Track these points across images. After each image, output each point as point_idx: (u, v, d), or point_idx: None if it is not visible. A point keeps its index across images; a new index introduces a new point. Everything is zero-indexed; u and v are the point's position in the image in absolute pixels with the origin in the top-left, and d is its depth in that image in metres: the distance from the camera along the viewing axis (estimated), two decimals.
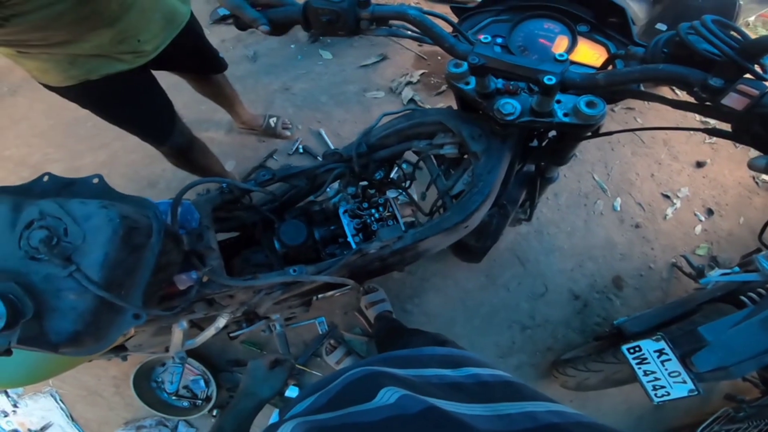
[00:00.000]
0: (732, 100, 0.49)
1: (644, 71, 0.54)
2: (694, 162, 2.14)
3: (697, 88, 0.51)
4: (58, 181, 0.67)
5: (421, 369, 0.58)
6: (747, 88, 0.48)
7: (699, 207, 2.04)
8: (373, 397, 0.45)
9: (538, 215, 1.91)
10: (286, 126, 2.01)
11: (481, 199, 0.79)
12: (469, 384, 0.54)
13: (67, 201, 0.59)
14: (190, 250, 0.81)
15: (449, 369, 0.59)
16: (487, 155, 0.80)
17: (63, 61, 0.98)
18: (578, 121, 0.68)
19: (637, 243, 1.92)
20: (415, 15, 0.67)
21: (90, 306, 0.56)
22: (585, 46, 0.77)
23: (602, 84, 0.56)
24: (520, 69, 0.59)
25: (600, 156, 2.08)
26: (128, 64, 1.08)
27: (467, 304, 1.78)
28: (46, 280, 0.55)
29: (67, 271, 0.55)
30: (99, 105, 1.17)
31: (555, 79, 0.56)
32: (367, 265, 0.90)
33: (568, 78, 0.56)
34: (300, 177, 0.93)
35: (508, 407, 0.45)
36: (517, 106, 0.71)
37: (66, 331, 0.56)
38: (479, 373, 0.57)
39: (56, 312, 0.55)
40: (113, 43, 1.01)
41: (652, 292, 1.85)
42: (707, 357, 1.03)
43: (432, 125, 0.88)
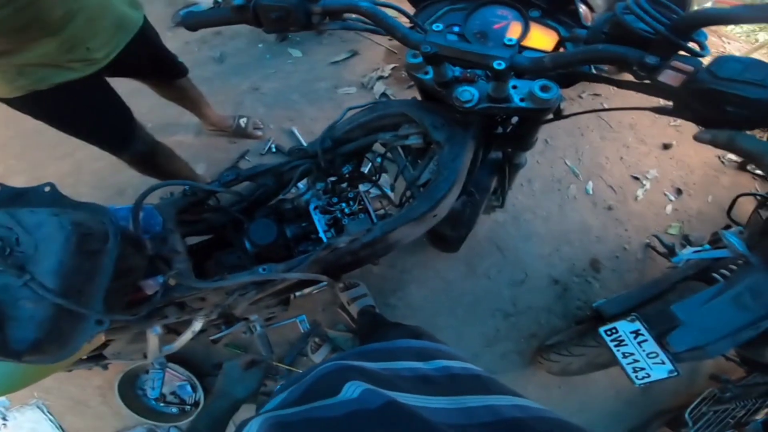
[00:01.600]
0: (668, 76, 0.50)
1: (585, 52, 0.55)
2: (660, 144, 2.20)
3: (635, 67, 0.52)
4: (9, 191, 0.65)
5: (393, 362, 0.58)
6: (681, 64, 0.50)
7: (668, 187, 2.09)
8: (338, 391, 0.46)
9: (514, 202, 1.94)
10: (257, 126, 1.99)
11: (447, 186, 0.79)
12: (438, 377, 0.55)
13: (17, 210, 0.58)
14: (154, 254, 0.80)
15: (421, 362, 0.59)
16: (450, 143, 0.80)
17: (9, 71, 0.95)
18: (534, 105, 0.69)
19: (610, 225, 1.97)
20: (366, 7, 0.67)
21: (48, 314, 0.56)
22: (537, 31, 0.78)
23: (549, 66, 0.57)
24: (471, 55, 0.59)
25: (571, 142, 2.12)
26: (79, 73, 1.05)
27: (450, 295, 1.79)
28: (2, 290, 0.54)
29: (22, 281, 0.54)
30: (51, 115, 1.13)
31: (504, 63, 0.56)
32: (338, 260, 0.89)
33: (516, 62, 0.57)
34: (266, 175, 0.92)
35: (472, 400, 0.46)
36: (475, 93, 0.71)
37: (27, 339, 0.55)
38: (450, 366, 0.58)
39: (15, 321, 0.55)
40: (61, 51, 0.98)
41: (628, 273, 1.89)
42: (682, 336, 1.02)
43: (396, 116, 0.88)
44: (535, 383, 1.70)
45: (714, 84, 0.47)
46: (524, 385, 1.70)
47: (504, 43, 0.59)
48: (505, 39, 0.59)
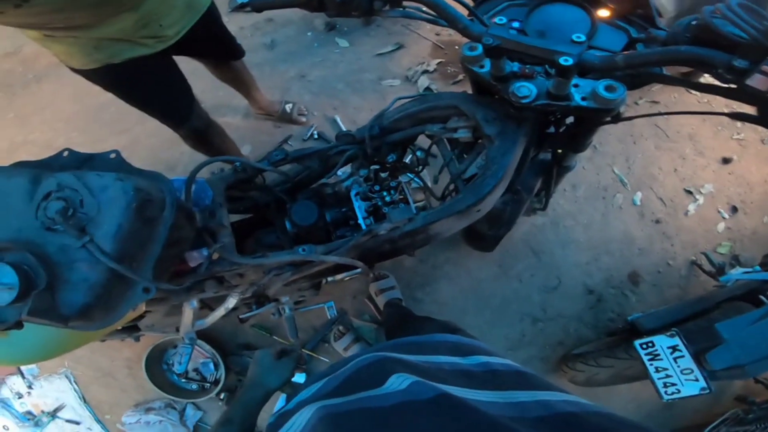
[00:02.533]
0: (757, 80, 0.48)
1: (665, 52, 0.52)
2: (720, 158, 2.06)
3: (721, 70, 0.50)
4: (77, 156, 0.69)
5: (431, 356, 0.57)
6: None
7: (723, 204, 1.96)
8: (383, 382, 0.45)
9: (555, 207, 1.88)
10: (302, 112, 2.03)
11: (494, 182, 0.78)
12: (479, 372, 0.53)
13: (84, 174, 0.60)
14: (202, 226, 0.83)
15: (459, 357, 0.58)
16: (501, 138, 0.78)
17: (87, 45, 1.01)
18: (596, 105, 0.66)
19: (656, 239, 1.87)
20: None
21: (101, 278, 0.57)
22: (605, 31, 0.75)
23: (621, 65, 0.54)
24: (536, 50, 0.57)
25: (621, 149, 2.02)
26: (150, 49, 1.11)
27: (479, 295, 1.77)
28: (60, 251, 0.56)
29: (81, 242, 0.55)
30: (121, 88, 1.20)
31: (572, 60, 0.54)
32: (377, 247, 0.90)
33: (585, 59, 0.55)
34: (313, 158, 0.94)
35: (521, 395, 0.44)
36: (533, 89, 0.69)
37: (77, 303, 0.56)
38: (490, 362, 0.56)
39: (68, 284, 0.56)
40: (136, 27, 1.04)
41: (669, 290, 1.80)
42: (722, 354, 1.00)
43: (446, 109, 0.87)
44: None
45: None
46: None
47: (572, 39, 0.56)
48: (574, 36, 0.57)
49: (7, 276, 0.51)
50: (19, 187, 0.58)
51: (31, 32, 0.98)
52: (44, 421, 1.65)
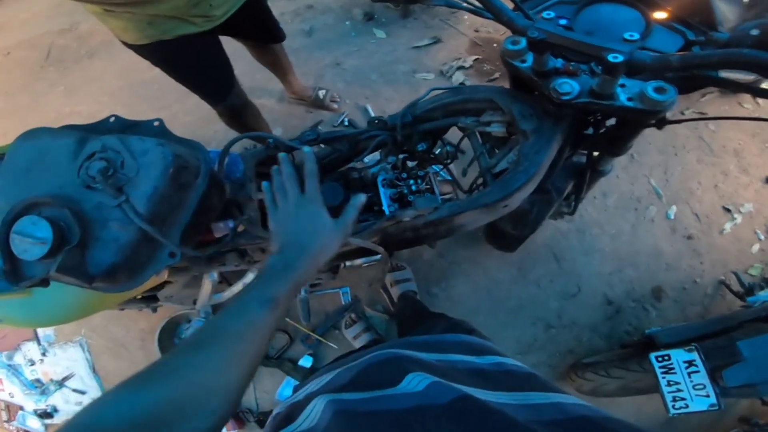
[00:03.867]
0: None
1: (725, 55, 0.49)
2: (764, 177, 1.96)
3: None
4: (123, 122, 0.72)
5: (445, 354, 0.57)
6: None
7: (761, 225, 1.87)
8: (399, 381, 0.45)
9: (583, 214, 1.83)
10: (335, 99, 2.05)
11: (526, 178, 0.77)
12: (494, 371, 0.53)
13: (127, 137, 0.63)
14: (231, 198, 0.85)
15: (474, 356, 0.57)
16: (537, 135, 0.77)
17: (142, 21, 1.06)
18: (643, 106, 0.63)
19: (686, 255, 1.80)
20: None
21: (131, 238, 0.60)
22: (660, 32, 0.71)
23: (676, 66, 0.52)
24: (584, 46, 0.55)
25: (661, 160, 1.95)
26: (199, 27, 1.15)
27: (494, 295, 1.75)
28: (96, 208, 0.59)
29: (118, 201, 0.58)
30: (169, 63, 1.26)
31: (622, 57, 0.52)
32: (399, 233, 0.90)
33: (636, 58, 0.53)
34: (343, 141, 0.94)
35: (535, 397, 0.44)
36: (576, 86, 0.67)
37: (105, 262, 0.59)
38: (504, 362, 0.55)
39: (99, 242, 0.59)
40: (188, 6, 1.08)
41: (691, 307, 1.73)
42: (739, 372, 1.00)
43: (481, 102, 0.86)
44: None
45: None
46: None
47: (624, 38, 0.54)
48: (626, 34, 0.55)
49: (43, 230, 0.54)
50: (65, 146, 0.61)
51: (92, 7, 1.04)
52: (51, 390, 1.68)
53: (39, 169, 0.60)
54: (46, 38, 2.59)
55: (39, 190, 0.58)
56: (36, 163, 0.60)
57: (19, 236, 0.54)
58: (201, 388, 0.38)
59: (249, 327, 0.45)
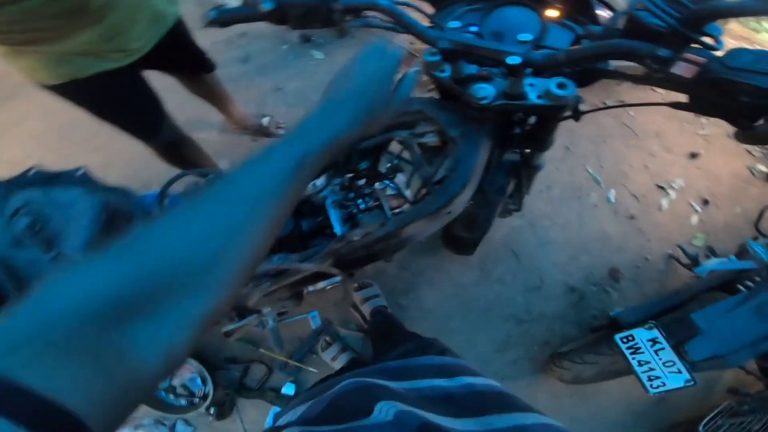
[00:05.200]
0: (681, 68, 0.52)
1: (598, 46, 0.56)
2: (687, 153, 2.14)
3: (648, 60, 0.53)
4: (44, 174, 0.70)
5: (415, 381, 0.58)
6: (693, 56, 0.51)
7: (694, 197, 2.03)
8: (370, 411, 0.45)
9: (531, 208, 1.92)
10: (279, 125, 2.04)
11: (461, 183, 0.80)
12: (461, 394, 0.54)
13: (51, 189, 0.61)
14: None
15: (444, 378, 0.59)
16: (465, 140, 0.81)
17: (51, 60, 1.01)
18: (551, 102, 0.69)
19: (632, 234, 1.92)
20: (385, 5, 0.70)
21: None
22: (554, 30, 0.79)
23: (563, 61, 0.58)
24: (485, 50, 0.61)
25: (592, 149, 2.09)
26: (117, 63, 1.10)
27: (462, 299, 1.78)
28: (30, 265, 0.57)
29: (50, 256, 0.57)
30: (90, 103, 1.19)
31: (518, 58, 0.58)
32: (352, 253, 0.91)
33: (530, 57, 0.58)
34: None
35: (498, 420, 0.45)
36: (491, 90, 0.72)
37: None
38: (473, 383, 0.57)
39: None
40: (101, 41, 1.03)
41: (649, 284, 1.84)
42: (701, 345, 1.01)
43: (413, 114, 0.89)
44: (546, 391, 1.66)
45: (726, 74, 0.49)
46: (534, 393, 1.67)
47: (518, 40, 0.60)
48: (519, 36, 0.60)
49: None
50: None
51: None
52: None
53: None
54: None
55: None
56: None
57: None
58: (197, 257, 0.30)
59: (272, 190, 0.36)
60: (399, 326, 1.58)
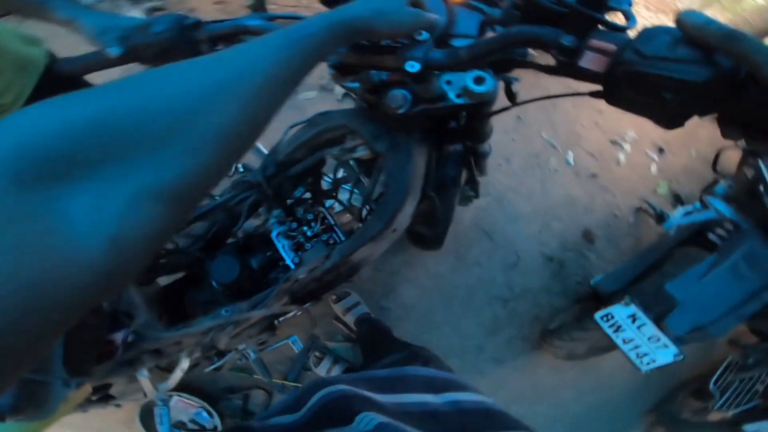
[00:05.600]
0: (590, 60, 0.43)
1: (500, 38, 0.49)
2: None
3: (554, 51, 0.45)
4: None
5: (401, 394, 0.56)
6: (601, 43, 0.41)
7: (649, 147, 2.05)
8: (351, 420, 0.44)
9: (495, 184, 1.89)
10: None
11: (399, 199, 0.75)
12: (447, 412, 0.53)
13: None
14: (111, 310, 0.77)
15: (432, 393, 0.57)
16: (394, 152, 0.76)
17: None
18: (471, 100, 0.63)
19: (597, 193, 1.92)
20: (256, 25, 0.62)
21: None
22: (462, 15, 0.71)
23: (466, 58, 0.51)
24: (379, 60, 0.53)
25: (544, 115, 2.06)
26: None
27: (442, 289, 1.76)
28: None
29: None
30: None
31: (418, 65, 0.51)
32: (304, 288, 0.86)
33: (431, 60, 0.52)
34: (216, 212, 0.88)
35: None
36: (407, 95, 0.66)
37: (4, 404, 0.58)
38: (460, 399, 0.55)
39: None
40: None
41: (623, 240, 1.85)
42: (680, 318, 0.97)
43: (337, 130, 0.83)
44: (546, 367, 1.66)
45: (642, 66, 0.39)
46: (535, 369, 1.67)
47: (415, 39, 0.53)
48: (416, 35, 0.54)
49: None
50: None
51: None
52: None
53: None
54: None
55: None
56: None
57: None
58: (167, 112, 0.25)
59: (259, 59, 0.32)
60: (386, 333, 1.55)
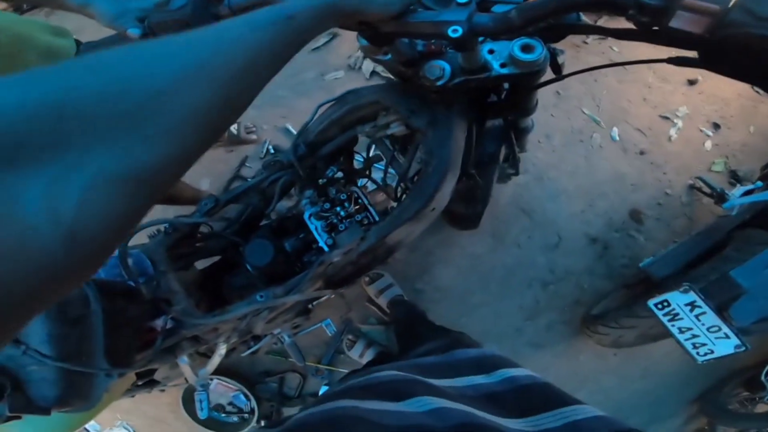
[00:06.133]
0: (684, 21, 0.36)
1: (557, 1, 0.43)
2: (685, 81, 1.95)
3: (632, 11, 0.39)
4: None
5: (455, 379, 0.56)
6: (701, 3, 0.34)
7: (703, 123, 1.87)
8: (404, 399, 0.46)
9: (534, 161, 1.79)
10: (250, 130, 1.91)
11: (438, 177, 0.71)
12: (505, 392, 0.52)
13: None
14: (152, 298, 0.78)
15: (483, 374, 0.56)
16: (433, 128, 0.71)
17: None
18: (518, 70, 0.58)
19: (646, 170, 1.78)
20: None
21: (57, 375, 0.60)
22: None
23: (518, 23, 0.45)
24: (420, 26, 0.48)
25: (585, 89, 1.91)
26: None
27: (479, 270, 1.70)
28: (9, 359, 0.59)
29: (20, 351, 0.58)
30: None
31: (461, 29, 0.46)
32: (339, 272, 0.84)
33: (476, 24, 0.46)
34: (249, 195, 0.87)
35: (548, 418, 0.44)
36: (446, 66, 0.61)
37: (50, 396, 0.60)
38: (516, 376, 0.54)
39: (32, 383, 0.60)
40: None
41: (675, 221, 1.71)
42: (746, 307, 0.90)
43: (370, 106, 0.79)
44: (589, 353, 1.59)
45: (755, 28, 0.34)
46: (576, 355, 1.60)
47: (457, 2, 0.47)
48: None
49: None
50: None
51: None
52: None
53: None
54: None
55: None
56: None
57: None
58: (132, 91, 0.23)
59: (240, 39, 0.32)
60: (422, 316, 1.53)
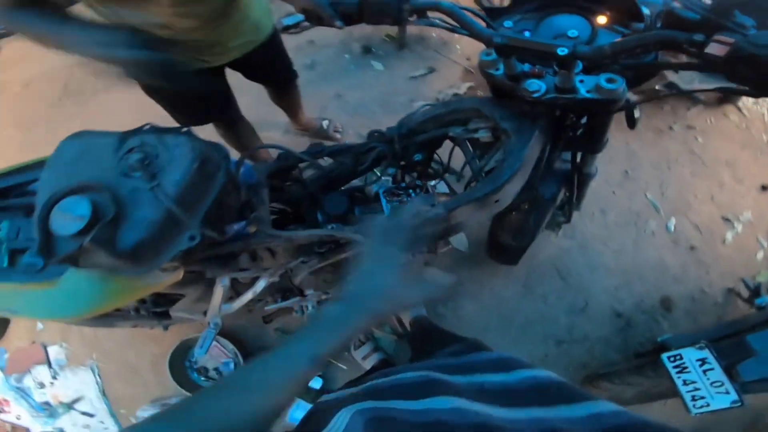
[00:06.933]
0: (714, 48, 0.59)
1: (641, 38, 0.63)
2: (759, 185, 2.00)
3: (685, 45, 0.61)
4: (157, 128, 0.83)
5: (474, 375, 0.58)
6: (723, 37, 0.59)
7: (763, 232, 1.89)
8: (425, 397, 0.48)
9: (583, 231, 1.88)
10: (338, 129, 2.15)
11: (511, 171, 0.85)
12: (524, 389, 0.53)
13: (163, 135, 0.74)
14: (245, 200, 0.93)
15: (503, 373, 0.58)
16: (518, 133, 0.86)
17: None
18: (600, 96, 0.74)
19: (691, 266, 1.82)
20: (447, 6, 0.81)
21: (159, 218, 0.68)
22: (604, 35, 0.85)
23: (609, 53, 0.65)
24: (537, 44, 0.68)
25: (655, 175, 2.01)
26: (208, 64, 1.22)
27: (502, 312, 1.77)
28: (132, 192, 0.68)
29: (151, 186, 0.67)
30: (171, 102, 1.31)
31: (567, 49, 0.64)
32: None
33: (579, 50, 0.65)
34: (346, 154, 1.05)
35: (570, 410, 0.46)
36: (542, 85, 0.78)
37: (133, 239, 0.66)
38: (535, 375, 0.55)
39: (130, 222, 0.67)
40: (207, 45, 1.15)
41: (703, 316, 1.72)
42: (754, 366, 1.00)
43: (467, 111, 0.96)
44: None
45: (755, 50, 0.56)
46: None
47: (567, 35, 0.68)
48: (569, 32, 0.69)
49: (83, 208, 0.63)
50: (107, 143, 0.72)
51: None
52: (59, 413, 1.68)
53: (83, 162, 0.71)
54: (64, 71, 2.62)
55: (81, 178, 0.67)
56: (80, 157, 0.71)
57: (60, 212, 0.62)
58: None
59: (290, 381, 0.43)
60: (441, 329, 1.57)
